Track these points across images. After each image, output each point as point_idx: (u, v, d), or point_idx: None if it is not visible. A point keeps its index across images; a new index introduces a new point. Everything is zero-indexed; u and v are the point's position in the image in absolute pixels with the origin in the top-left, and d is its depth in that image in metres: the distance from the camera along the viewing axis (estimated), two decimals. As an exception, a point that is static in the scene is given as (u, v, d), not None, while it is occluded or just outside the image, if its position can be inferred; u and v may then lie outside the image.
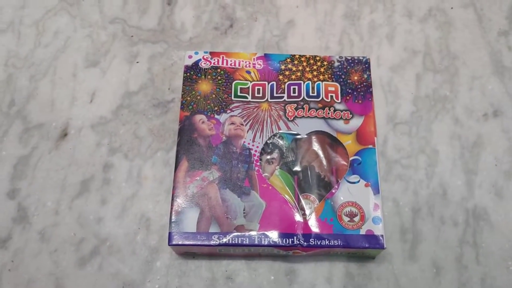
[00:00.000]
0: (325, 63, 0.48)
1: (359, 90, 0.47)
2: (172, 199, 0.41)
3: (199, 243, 0.40)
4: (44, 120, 0.49)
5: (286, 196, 0.43)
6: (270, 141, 0.44)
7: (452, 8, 0.58)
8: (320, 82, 0.47)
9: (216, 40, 0.54)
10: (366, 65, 0.48)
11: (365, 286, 0.44)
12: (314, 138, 0.45)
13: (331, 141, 0.45)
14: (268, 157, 0.44)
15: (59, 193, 0.46)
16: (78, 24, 0.54)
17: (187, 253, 0.44)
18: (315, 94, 0.46)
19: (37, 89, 0.51)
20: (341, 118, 0.45)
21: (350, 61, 0.48)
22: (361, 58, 0.48)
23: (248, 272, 0.44)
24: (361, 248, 0.41)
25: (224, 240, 0.40)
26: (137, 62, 0.52)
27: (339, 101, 0.46)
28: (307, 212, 0.42)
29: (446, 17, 0.57)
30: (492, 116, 0.52)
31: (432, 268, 0.45)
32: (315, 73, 0.47)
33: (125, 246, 0.44)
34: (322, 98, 0.46)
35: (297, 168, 0.44)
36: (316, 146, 0.45)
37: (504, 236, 0.46)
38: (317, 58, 0.48)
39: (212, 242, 0.40)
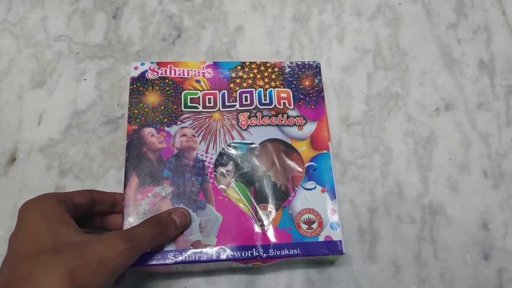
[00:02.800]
0: (276, 69, 0.46)
1: (311, 95, 0.46)
2: (123, 218, 0.39)
3: (154, 262, 0.38)
4: (-9, 145, 0.47)
5: (243, 207, 0.41)
6: (224, 152, 0.43)
7: (400, 4, 0.57)
8: (272, 89, 0.45)
9: (164, 51, 0.52)
10: (317, 70, 0.47)
11: (327, 291, 0.43)
12: (268, 146, 0.44)
13: (285, 149, 0.44)
14: (223, 169, 0.43)
15: (10, 220, 0.44)
16: (22, 44, 0.52)
17: (143, 273, 0.42)
18: (268, 101, 0.45)
19: (-17, 114, 0.49)
20: (294, 124, 0.44)
21: (301, 66, 0.47)
22: (311, 62, 0.47)
23: (207, 286, 0.43)
24: (321, 255, 0.40)
25: (181, 258, 0.38)
26: (85, 80, 0.50)
27: (292, 107, 0.45)
28: (265, 222, 0.41)
29: (395, 13, 0.56)
30: (444, 110, 0.51)
31: (392, 267, 0.44)
32: (266, 80, 0.46)
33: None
34: (275, 105, 0.45)
35: (253, 179, 0.43)
36: (271, 155, 0.44)
37: (461, 229, 0.46)
38: (268, 65, 0.47)
39: (168, 261, 0.38)
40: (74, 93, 0.50)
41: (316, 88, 0.46)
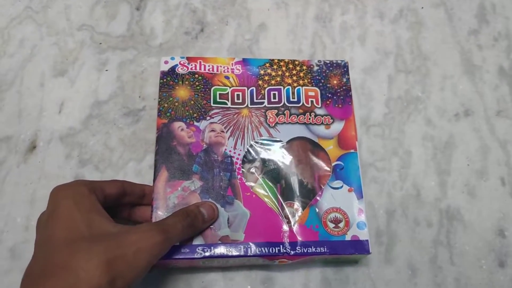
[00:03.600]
0: (304, 67, 0.46)
1: (338, 94, 0.46)
2: (152, 211, 0.39)
3: (182, 256, 0.38)
4: (12, 132, 0.47)
5: (270, 204, 0.41)
6: (251, 149, 0.43)
7: (422, 8, 0.57)
8: (300, 87, 0.45)
9: (187, 45, 0.52)
10: (345, 69, 0.47)
11: (342, 291, 0.43)
12: (295, 144, 0.44)
13: (313, 147, 0.44)
14: (250, 166, 0.42)
15: (29, 208, 0.44)
16: (44, 32, 0.52)
17: (165, 267, 0.42)
18: (296, 99, 0.45)
19: (4, 100, 0.48)
20: (322, 123, 0.44)
21: (329, 65, 0.47)
22: (339, 61, 0.47)
23: (224, 282, 0.43)
24: (348, 254, 0.40)
25: (209, 252, 0.38)
26: (106, 70, 0.50)
27: (320, 106, 0.45)
28: (292, 220, 0.41)
29: (417, 17, 0.56)
30: (464, 115, 0.51)
31: (408, 270, 0.44)
32: (294, 77, 0.46)
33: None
34: (303, 103, 0.45)
35: (279, 176, 0.42)
36: (298, 153, 0.43)
37: (477, 235, 0.46)
38: (296, 63, 0.46)
39: (196, 255, 0.38)
40: (95, 83, 0.49)
41: (344, 87, 0.46)
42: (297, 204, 0.41)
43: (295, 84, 0.45)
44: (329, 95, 0.45)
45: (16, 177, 0.45)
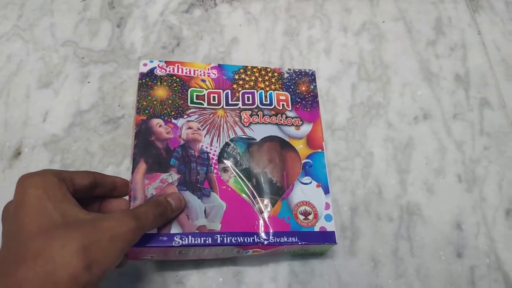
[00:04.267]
0: (276, 74, 0.50)
1: (307, 99, 0.49)
2: (130, 201, 0.40)
3: (160, 244, 0.39)
4: (-2, 140, 0.50)
5: (245, 198, 0.43)
6: (225, 149, 0.45)
7: (383, 21, 0.61)
8: (272, 91, 0.49)
9: (164, 57, 0.55)
10: (312, 77, 0.50)
11: (309, 283, 0.45)
12: (268, 143, 0.46)
13: (284, 146, 0.46)
14: (223, 165, 0.44)
15: (13, 210, 0.46)
16: (31, 48, 0.55)
17: (139, 258, 0.44)
18: (268, 102, 0.48)
19: (-9, 111, 0.51)
20: (292, 124, 0.47)
21: (298, 73, 0.50)
22: (307, 70, 0.51)
23: (197, 275, 0.45)
24: (317, 244, 0.42)
25: (186, 241, 0.39)
26: (88, 82, 0.53)
27: (290, 109, 0.48)
28: (265, 212, 0.43)
29: (379, 30, 0.60)
30: (422, 119, 0.55)
31: (371, 262, 0.47)
32: (267, 83, 0.49)
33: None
34: (275, 106, 0.48)
35: (251, 174, 0.45)
36: (269, 152, 0.46)
37: (435, 229, 0.49)
38: (268, 69, 0.50)
39: (174, 243, 0.39)
40: (78, 94, 0.53)
41: (311, 94, 0.49)
42: (266, 201, 0.44)
43: (267, 89, 0.49)
44: (298, 100, 0.49)
45: (1, 182, 0.48)
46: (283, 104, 0.48)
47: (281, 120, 0.47)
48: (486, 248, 0.48)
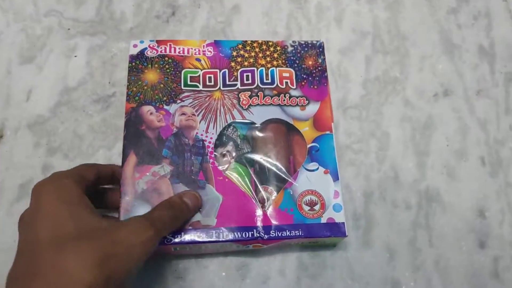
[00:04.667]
0: (278, 48, 0.45)
1: (314, 75, 0.44)
2: (121, 197, 0.37)
3: None
4: (-22, 122, 0.45)
5: (244, 188, 0.39)
6: (224, 132, 0.41)
7: (400, -13, 0.55)
8: (274, 68, 0.44)
9: (158, 29, 0.50)
10: (320, 49, 0.45)
11: (320, 276, 0.42)
12: (270, 127, 0.42)
13: (288, 129, 0.42)
14: (223, 150, 0.41)
15: (-4, 198, 0.42)
16: (10, 19, 0.50)
17: None
18: (269, 80, 0.43)
19: (-31, 89, 0.46)
20: (297, 104, 0.43)
21: (304, 45, 0.45)
22: (315, 42, 0.45)
23: (198, 269, 0.41)
24: (323, 237, 0.39)
25: (178, 239, 0.37)
26: (75, 56, 0.48)
27: (294, 87, 0.43)
28: (266, 204, 0.39)
29: (395, -4, 0.54)
30: (443, 96, 0.50)
31: (386, 253, 0.43)
32: (268, 59, 0.44)
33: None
34: (277, 84, 0.43)
35: (253, 160, 0.41)
36: (272, 136, 0.42)
37: (456, 217, 0.45)
38: (270, 44, 0.45)
39: (166, 241, 0.36)
40: (64, 70, 0.47)
41: (319, 68, 0.44)
42: (271, 188, 0.40)
43: (269, 65, 0.44)
44: (304, 76, 0.44)
45: (-18, 167, 0.44)
46: (286, 82, 0.43)
47: (284, 100, 0.43)
48: (511, 238, 0.44)
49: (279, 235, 0.38)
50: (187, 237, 0.37)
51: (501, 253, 0.43)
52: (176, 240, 0.37)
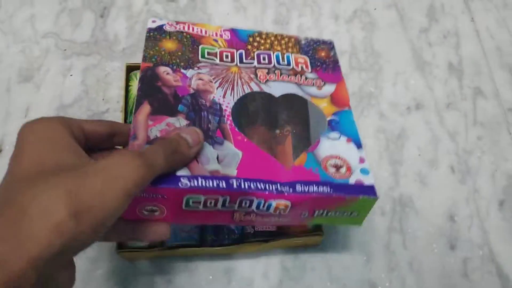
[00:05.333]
0: (293, 39, 0.45)
1: (327, 63, 0.44)
2: (130, 141, 0.32)
3: (164, 185, 0.30)
4: (-22, 137, 0.48)
5: (264, 148, 0.36)
6: (242, 99, 0.39)
7: (375, 9, 0.59)
8: (290, 53, 0.44)
9: (149, 49, 0.53)
10: (331, 45, 0.46)
11: (301, 278, 0.44)
12: (289, 99, 0.40)
13: (306, 104, 0.40)
14: (241, 117, 0.38)
15: (-5, 209, 0.45)
16: (10, 40, 0.53)
17: (137, 215, 0.35)
18: (286, 63, 0.43)
19: (-30, 106, 0.49)
20: (313, 85, 0.42)
21: (316, 41, 0.46)
22: (326, 40, 0.46)
23: (187, 273, 0.44)
24: (355, 196, 0.34)
25: (196, 183, 0.31)
26: (71, 75, 0.51)
27: (310, 70, 0.42)
28: (289, 163, 0.35)
29: (370, 17, 0.58)
30: (415, 109, 0.53)
31: (363, 255, 0.46)
32: (283, 46, 0.44)
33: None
34: (293, 67, 0.43)
35: (273, 126, 0.38)
36: (291, 107, 0.40)
37: (428, 221, 0.48)
38: (284, 35, 0.45)
39: (181, 185, 0.30)
40: (60, 88, 0.50)
41: (332, 59, 0.45)
42: (293, 154, 0.36)
43: (284, 51, 0.44)
44: (319, 64, 0.44)
45: (-18, 180, 0.46)
46: (302, 66, 0.43)
47: (300, 80, 0.42)
48: (479, 240, 0.47)
49: (306, 190, 0.33)
50: (205, 182, 0.31)
51: (469, 255, 0.46)
52: (193, 184, 0.31)
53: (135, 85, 0.45)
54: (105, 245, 0.44)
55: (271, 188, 0.33)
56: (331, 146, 0.37)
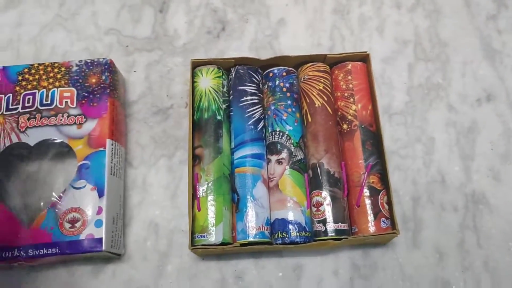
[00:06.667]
0: (63, 69, 0.45)
1: (95, 92, 0.44)
2: None
3: None
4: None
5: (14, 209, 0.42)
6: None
7: (439, -5, 0.56)
8: (56, 88, 0.44)
9: (209, 44, 0.52)
10: (106, 66, 0.45)
11: (372, 276, 0.43)
12: (44, 148, 0.44)
13: (61, 149, 0.44)
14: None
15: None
16: (74, 38, 0.53)
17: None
18: (49, 101, 0.43)
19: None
20: (74, 123, 0.43)
21: (90, 64, 0.45)
22: (101, 60, 0.45)
23: (256, 270, 0.43)
24: (79, 253, 0.39)
25: None
26: (135, 71, 0.51)
27: (74, 106, 0.43)
28: (26, 223, 0.41)
29: (435, 5, 0.55)
30: (486, 100, 0.50)
31: (435, 254, 0.44)
32: (51, 80, 0.44)
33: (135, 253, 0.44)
34: (56, 105, 0.43)
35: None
36: (46, 156, 0.44)
37: (503, 219, 0.45)
38: (56, 65, 0.45)
39: None
40: (125, 84, 0.50)
41: (102, 85, 0.44)
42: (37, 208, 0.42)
43: (51, 86, 0.44)
44: (86, 94, 0.44)
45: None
46: (66, 102, 0.43)
47: (61, 119, 0.43)
48: (559, 239, 0.44)
49: (37, 253, 0.39)
50: None
51: (549, 254, 0.44)
52: None
53: (200, 81, 0.45)
54: (176, 240, 0.44)
55: (7, 255, 0.39)
56: (74, 197, 0.40)
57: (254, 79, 0.45)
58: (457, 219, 0.45)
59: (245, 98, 0.44)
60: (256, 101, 0.45)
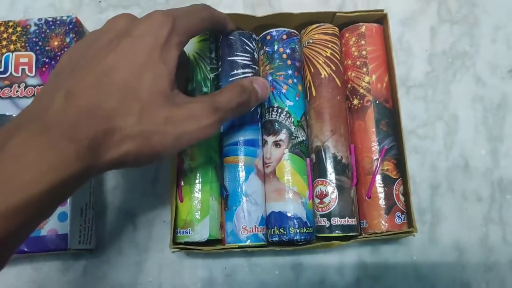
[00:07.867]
0: (19, 29, 0.38)
1: (58, 58, 0.37)
2: None
3: None
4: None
5: None
6: None
7: None
8: (11, 53, 0.37)
9: None
10: (70, 26, 0.38)
11: (382, 276, 0.37)
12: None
13: None
14: None
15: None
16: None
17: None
18: (2, 69, 0.37)
19: None
20: (33, 95, 0.36)
21: (51, 23, 0.38)
22: (64, 18, 0.38)
23: (249, 268, 0.37)
24: (43, 252, 0.34)
25: None
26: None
27: (33, 74, 0.37)
28: None
29: (463, -44, 0.46)
30: (519, 71, 0.43)
31: (455, 251, 0.38)
32: (4, 42, 0.37)
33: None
34: (11, 73, 0.37)
35: None
36: None
37: (534, 210, 0.39)
38: (10, 24, 0.38)
39: None
40: (96, 48, 0.42)
41: (66, 49, 0.37)
42: None
43: (4, 50, 0.37)
44: (47, 60, 0.37)
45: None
46: (23, 70, 0.37)
47: (17, 91, 0.36)
48: None
49: None
50: None
51: None
52: None
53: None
54: (157, 233, 0.38)
55: None
56: None
57: (247, 47, 0.37)
58: (481, 211, 0.39)
59: (236, 72, 0.36)
60: (250, 75, 0.37)
